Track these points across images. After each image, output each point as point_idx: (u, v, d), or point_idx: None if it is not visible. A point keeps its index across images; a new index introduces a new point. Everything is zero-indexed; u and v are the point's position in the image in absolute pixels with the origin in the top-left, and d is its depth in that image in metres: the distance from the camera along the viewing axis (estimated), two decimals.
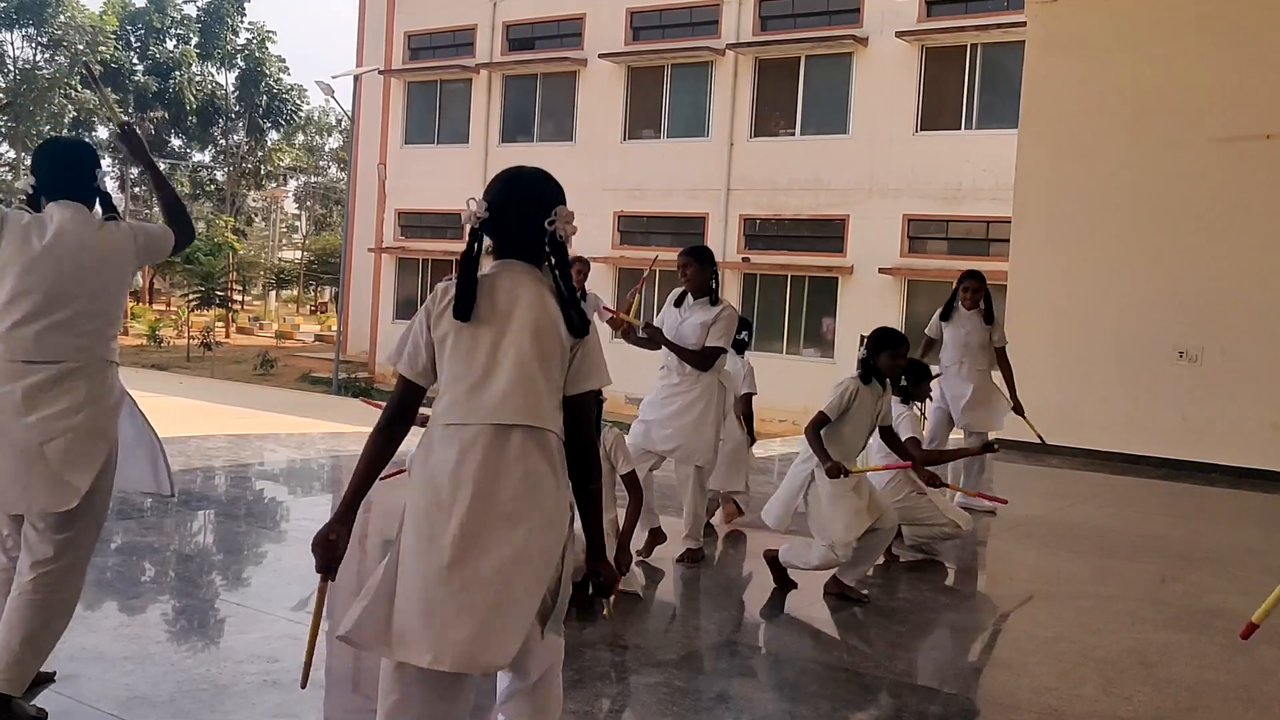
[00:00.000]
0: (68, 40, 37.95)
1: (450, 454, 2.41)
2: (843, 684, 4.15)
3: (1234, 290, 10.47)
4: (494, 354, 2.45)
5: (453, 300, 2.46)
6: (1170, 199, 10.83)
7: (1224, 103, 10.57)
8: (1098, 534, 7.53)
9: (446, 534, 2.36)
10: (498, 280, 2.51)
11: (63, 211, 3.24)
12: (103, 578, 4.93)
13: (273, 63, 43.86)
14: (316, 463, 8.69)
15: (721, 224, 24.53)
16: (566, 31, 27.29)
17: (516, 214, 2.54)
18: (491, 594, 2.36)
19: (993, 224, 20.47)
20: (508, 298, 2.48)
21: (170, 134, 44.95)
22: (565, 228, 2.54)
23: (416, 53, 30.09)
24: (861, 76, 23.15)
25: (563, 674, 4.06)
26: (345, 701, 3.86)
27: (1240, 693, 4.30)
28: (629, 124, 26.13)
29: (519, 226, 2.55)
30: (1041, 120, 11.68)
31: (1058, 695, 4.14)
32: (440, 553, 2.36)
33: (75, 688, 3.62)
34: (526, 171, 2.63)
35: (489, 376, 2.44)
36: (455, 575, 2.36)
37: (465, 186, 25.10)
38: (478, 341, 2.45)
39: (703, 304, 5.65)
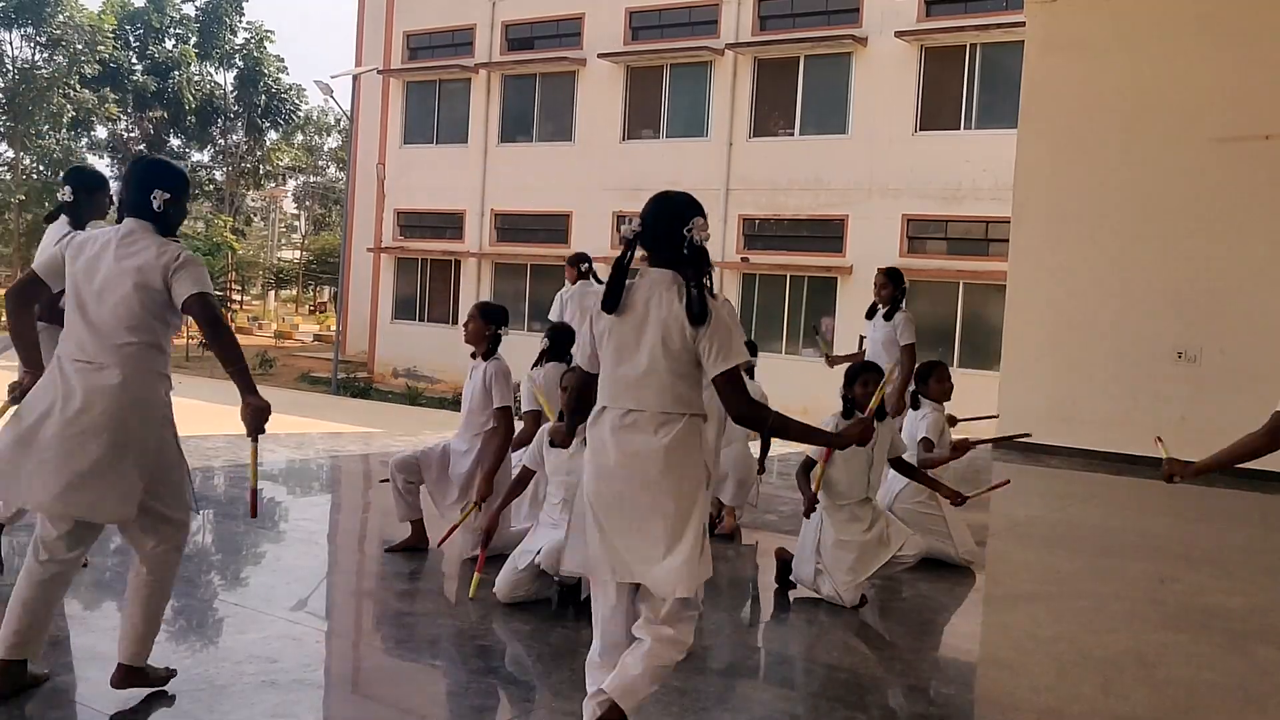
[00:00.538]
0: (66, 40, 37.88)
1: (605, 430, 3.07)
2: (843, 684, 4.15)
3: (1234, 290, 10.47)
4: (634, 347, 3.05)
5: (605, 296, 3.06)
6: (1170, 199, 10.83)
7: (1223, 103, 10.57)
8: (1097, 534, 7.53)
9: (611, 491, 3.04)
10: (640, 284, 3.11)
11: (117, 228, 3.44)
12: (102, 578, 4.93)
13: (271, 62, 43.82)
14: (315, 463, 8.69)
15: (721, 224, 24.50)
16: (565, 31, 27.28)
17: (663, 227, 3.10)
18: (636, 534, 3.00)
19: (992, 224, 20.47)
20: (645, 299, 3.07)
21: (169, 134, 44.88)
22: (700, 233, 3.07)
23: (415, 52, 30.08)
24: (861, 76, 23.14)
25: (562, 674, 4.07)
26: (345, 701, 3.86)
27: (1238, 692, 4.30)
28: (628, 124, 26.12)
29: (664, 236, 3.10)
30: (1041, 120, 11.68)
31: (1057, 694, 4.14)
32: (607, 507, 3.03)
33: (74, 688, 3.62)
34: (672, 194, 3.20)
35: (629, 366, 3.05)
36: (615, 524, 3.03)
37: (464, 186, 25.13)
38: (623, 337, 3.07)
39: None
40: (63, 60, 38.01)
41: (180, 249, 3.37)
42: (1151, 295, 10.86)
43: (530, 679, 4.11)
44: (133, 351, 3.34)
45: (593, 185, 25.95)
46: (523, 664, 4.25)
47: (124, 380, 3.32)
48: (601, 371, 3.13)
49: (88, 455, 3.29)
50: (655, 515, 3.00)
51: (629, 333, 3.07)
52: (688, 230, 3.05)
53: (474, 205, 28.01)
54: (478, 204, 27.93)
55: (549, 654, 4.26)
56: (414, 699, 3.78)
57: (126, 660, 3.52)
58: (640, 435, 3.03)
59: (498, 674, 4.07)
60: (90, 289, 3.36)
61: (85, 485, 3.30)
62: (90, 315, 3.36)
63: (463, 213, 28.27)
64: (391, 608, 4.89)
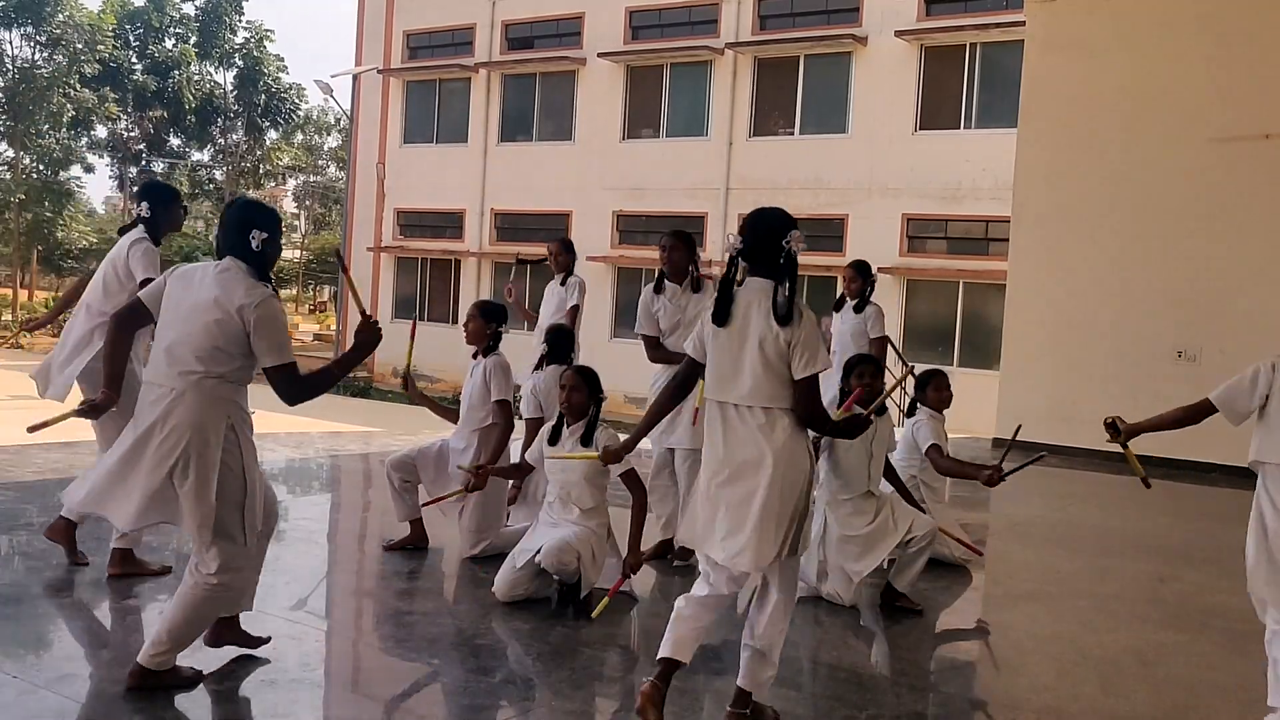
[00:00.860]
0: (66, 39, 37.82)
1: (716, 423, 3.49)
2: (843, 684, 4.15)
3: (1234, 290, 10.47)
4: (737, 352, 3.45)
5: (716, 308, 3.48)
6: (1170, 199, 10.83)
7: (1223, 102, 10.57)
8: (1097, 533, 7.53)
9: (720, 477, 3.43)
10: (741, 296, 3.49)
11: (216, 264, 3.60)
12: (100, 577, 4.92)
13: (271, 62, 43.74)
14: (315, 462, 8.68)
15: (720, 223, 24.50)
16: (565, 31, 27.26)
17: (764, 241, 3.49)
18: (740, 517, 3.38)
19: (992, 223, 20.45)
20: (746, 309, 3.45)
21: (169, 133, 44.81)
22: (797, 245, 3.49)
23: (415, 52, 30.06)
24: (860, 76, 23.13)
25: (561, 673, 4.07)
26: (344, 701, 3.86)
27: (1238, 692, 4.30)
28: (628, 123, 26.10)
29: (764, 249, 3.49)
30: (1041, 119, 11.68)
31: (1056, 694, 4.14)
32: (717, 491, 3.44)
33: (73, 687, 3.62)
34: (769, 210, 3.58)
35: (733, 368, 3.44)
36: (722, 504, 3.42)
37: (464, 185, 25.15)
38: (729, 341, 3.46)
39: (684, 289, 5.64)
40: (63, 59, 37.96)
41: (265, 295, 3.52)
42: (1151, 295, 10.86)
43: (530, 678, 4.11)
44: (197, 381, 3.48)
45: (593, 185, 25.94)
46: (522, 663, 4.24)
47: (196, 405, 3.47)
48: (709, 370, 3.53)
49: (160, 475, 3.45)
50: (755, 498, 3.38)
51: (734, 337, 3.46)
52: (786, 243, 3.46)
53: (474, 205, 27.99)
54: (477, 203, 27.92)
55: (549, 653, 4.26)
56: (413, 698, 3.78)
57: (140, 659, 3.58)
58: (744, 428, 3.41)
59: (497, 673, 4.06)
60: (176, 318, 3.53)
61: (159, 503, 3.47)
62: (169, 343, 3.52)
63: (462, 212, 28.26)
64: (391, 607, 4.88)
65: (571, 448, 4.91)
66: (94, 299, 4.95)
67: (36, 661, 3.88)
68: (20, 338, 5.88)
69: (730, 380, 3.45)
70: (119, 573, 4.85)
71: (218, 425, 3.50)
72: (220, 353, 3.49)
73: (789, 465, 3.38)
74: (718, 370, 3.49)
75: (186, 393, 3.48)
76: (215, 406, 3.51)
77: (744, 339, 3.43)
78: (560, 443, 4.96)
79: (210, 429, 3.49)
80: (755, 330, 3.42)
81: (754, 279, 3.50)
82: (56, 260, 44.71)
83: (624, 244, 25.91)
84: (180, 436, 3.46)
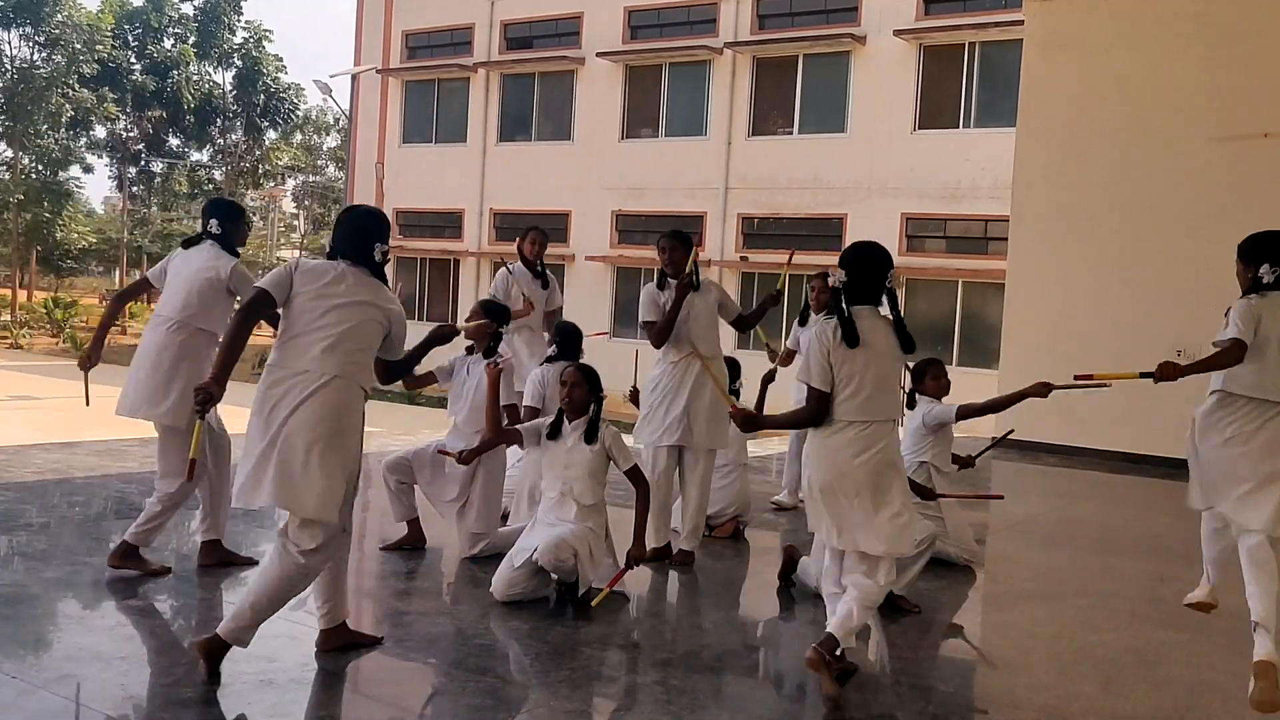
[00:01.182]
0: (65, 39, 37.80)
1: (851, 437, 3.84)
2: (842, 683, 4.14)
3: (1233, 289, 10.41)
4: (865, 372, 3.83)
5: (841, 336, 3.81)
6: (1169, 198, 10.83)
7: (1222, 101, 10.57)
8: (1097, 533, 7.53)
9: (851, 488, 3.83)
10: (859, 322, 3.85)
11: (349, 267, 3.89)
12: (100, 577, 4.92)
13: (270, 62, 43.72)
14: None
15: (720, 223, 24.51)
16: (564, 30, 27.26)
17: (870, 274, 3.92)
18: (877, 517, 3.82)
19: (991, 223, 20.46)
20: (868, 333, 3.85)
21: (168, 133, 44.80)
22: (895, 281, 4.00)
23: (414, 52, 30.06)
24: (859, 75, 23.13)
25: (561, 673, 4.08)
26: (343, 701, 3.85)
27: (1239, 692, 4.29)
28: (627, 123, 26.10)
29: (869, 282, 3.92)
30: (1040, 119, 11.68)
31: (1056, 694, 4.14)
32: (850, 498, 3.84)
33: (72, 688, 3.61)
34: (868, 246, 3.99)
35: (864, 386, 3.83)
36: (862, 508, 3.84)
37: (463, 185, 25.18)
38: (856, 363, 3.83)
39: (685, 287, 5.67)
40: (61, 60, 37.94)
41: (397, 305, 3.97)
42: (1151, 293, 10.85)
43: (529, 678, 4.10)
44: (353, 367, 3.78)
45: (592, 184, 25.94)
46: (521, 663, 4.24)
47: (343, 389, 3.73)
48: (839, 393, 3.86)
49: (295, 457, 3.64)
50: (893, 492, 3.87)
51: (860, 360, 3.84)
52: (889, 280, 3.95)
53: (473, 204, 27.99)
54: (476, 203, 27.92)
55: (547, 653, 4.25)
56: (412, 698, 3.77)
57: (220, 629, 3.75)
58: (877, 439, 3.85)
59: (496, 673, 4.06)
60: (315, 314, 3.75)
61: (290, 483, 3.66)
62: (332, 336, 3.74)
63: (461, 212, 28.26)
64: (390, 607, 4.88)
65: (574, 444, 4.92)
66: (186, 314, 4.94)
67: (36, 662, 3.88)
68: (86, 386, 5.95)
69: (859, 398, 3.85)
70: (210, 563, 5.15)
71: (357, 410, 3.79)
72: (368, 343, 3.84)
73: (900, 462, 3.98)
74: (848, 389, 3.85)
75: (335, 378, 3.70)
76: (355, 392, 3.78)
77: (870, 360, 3.84)
78: (562, 438, 4.97)
79: (352, 413, 3.76)
80: (882, 351, 3.87)
81: (862, 308, 3.89)
82: (55, 261, 44.72)
83: (623, 244, 25.91)
84: (324, 418, 3.67)
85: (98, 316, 40.54)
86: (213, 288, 4.95)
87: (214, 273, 4.95)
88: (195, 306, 4.94)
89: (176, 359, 4.90)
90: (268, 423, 3.68)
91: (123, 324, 39.69)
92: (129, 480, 7.30)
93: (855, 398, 3.83)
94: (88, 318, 38.56)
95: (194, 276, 4.96)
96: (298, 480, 3.65)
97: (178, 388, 4.84)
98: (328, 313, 3.75)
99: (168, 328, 4.94)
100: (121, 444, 8.71)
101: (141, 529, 4.96)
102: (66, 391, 19.69)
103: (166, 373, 4.88)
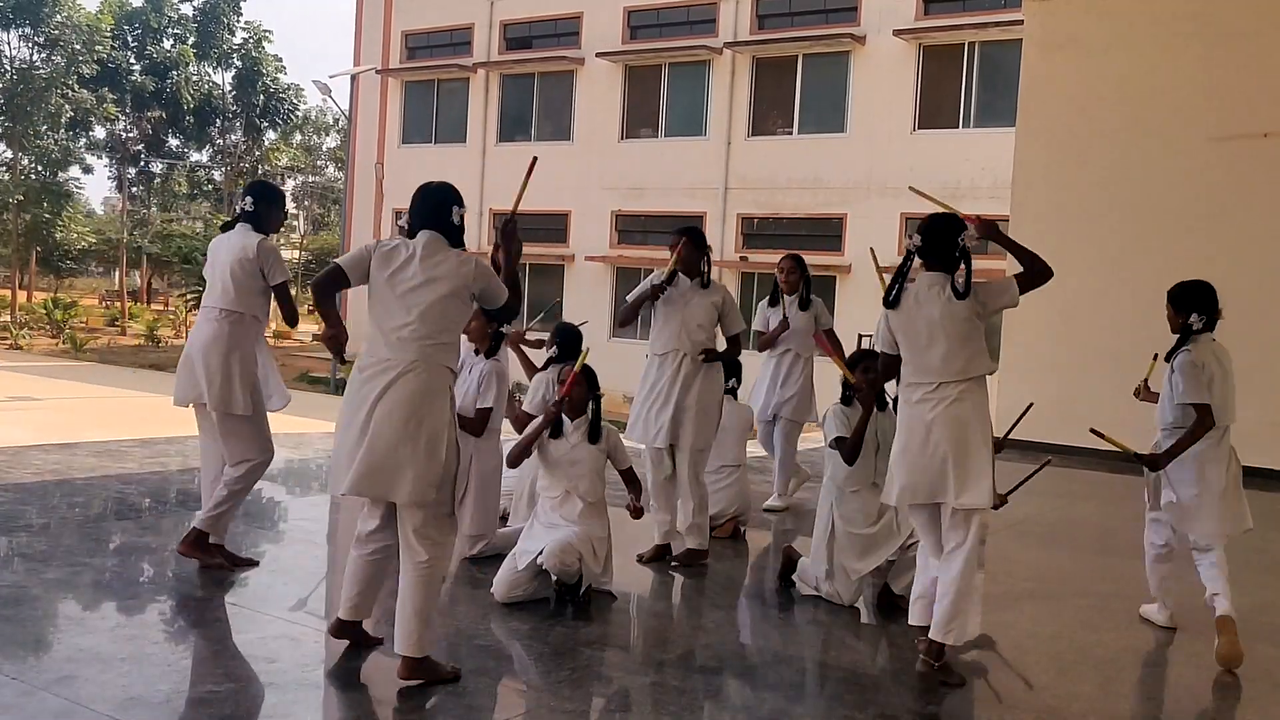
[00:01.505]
0: (64, 40, 37.78)
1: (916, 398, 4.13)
2: (841, 684, 4.15)
3: (1232, 288, 10.40)
4: (929, 333, 4.09)
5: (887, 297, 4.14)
6: (1168, 197, 10.83)
7: (1221, 101, 10.57)
8: (1096, 532, 7.53)
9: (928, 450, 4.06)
10: (920, 287, 4.14)
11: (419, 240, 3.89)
12: (100, 578, 4.92)
13: (269, 62, 43.71)
14: (314, 463, 8.67)
15: (719, 223, 24.52)
16: (564, 30, 27.27)
17: (943, 240, 4.18)
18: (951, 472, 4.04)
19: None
20: (928, 296, 4.11)
21: (167, 134, 44.78)
22: (970, 242, 4.15)
23: (414, 52, 30.06)
24: (859, 75, 23.14)
25: (561, 673, 4.08)
26: (343, 702, 3.85)
27: (1238, 691, 4.30)
28: (627, 123, 26.11)
29: (942, 247, 4.17)
30: (1039, 118, 11.68)
31: (1056, 694, 4.14)
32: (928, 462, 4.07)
33: (72, 689, 3.61)
34: (942, 215, 4.25)
35: (929, 348, 4.09)
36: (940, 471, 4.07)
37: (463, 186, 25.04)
38: (919, 327, 4.10)
39: (696, 285, 5.66)
40: (61, 60, 37.92)
41: (474, 257, 3.89)
42: (1150, 292, 10.80)
43: (529, 678, 4.10)
44: (432, 350, 3.75)
45: (591, 184, 25.94)
46: (522, 663, 4.24)
47: (424, 374, 3.72)
48: (904, 355, 4.15)
49: (381, 446, 3.67)
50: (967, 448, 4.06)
51: (922, 323, 4.10)
52: (961, 239, 4.15)
53: (472, 205, 27.91)
54: (476, 204, 27.90)
55: (548, 653, 4.26)
56: (412, 699, 3.77)
57: (400, 650, 3.79)
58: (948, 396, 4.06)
59: (497, 673, 4.06)
60: (393, 295, 3.78)
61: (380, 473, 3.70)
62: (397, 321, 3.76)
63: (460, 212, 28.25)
64: (390, 608, 4.87)
65: (578, 443, 4.93)
66: (226, 301, 4.95)
67: (36, 663, 3.88)
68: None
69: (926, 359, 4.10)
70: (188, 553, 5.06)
71: (444, 393, 3.77)
72: (448, 322, 3.80)
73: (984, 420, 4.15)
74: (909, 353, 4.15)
75: (415, 363, 3.72)
76: (438, 376, 3.76)
77: (931, 323, 4.07)
78: (564, 438, 4.97)
79: (437, 397, 3.74)
80: (941, 314, 4.07)
81: (929, 273, 4.15)
82: (55, 261, 44.73)
83: (623, 244, 25.92)
84: (407, 404, 3.68)
85: (97, 317, 40.71)
86: (244, 269, 4.94)
87: (243, 252, 4.95)
88: (233, 292, 4.94)
89: (228, 349, 4.90)
90: (355, 414, 3.74)
91: (122, 325, 39.72)
92: (129, 481, 7.30)
93: (921, 358, 4.11)
94: (87, 318, 38.56)
95: (228, 262, 4.97)
96: (388, 469, 3.69)
97: (235, 376, 4.88)
98: (402, 297, 3.78)
99: (215, 317, 4.97)
100: (121, 445, 8.72)
101: (213, 516, 5.00)
102: (66, 392, 19.74)
103: (221, 362, 4.89)
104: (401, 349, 3.74)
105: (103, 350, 33.20)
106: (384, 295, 3.81)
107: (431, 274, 3.78)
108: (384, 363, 3.75)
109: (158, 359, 31.69)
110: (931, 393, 4.07)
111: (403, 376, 3.71)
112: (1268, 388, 10.15)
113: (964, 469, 4.02)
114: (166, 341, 35.42)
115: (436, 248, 3.85)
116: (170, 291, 48.73)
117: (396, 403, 3.69)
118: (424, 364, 3.74)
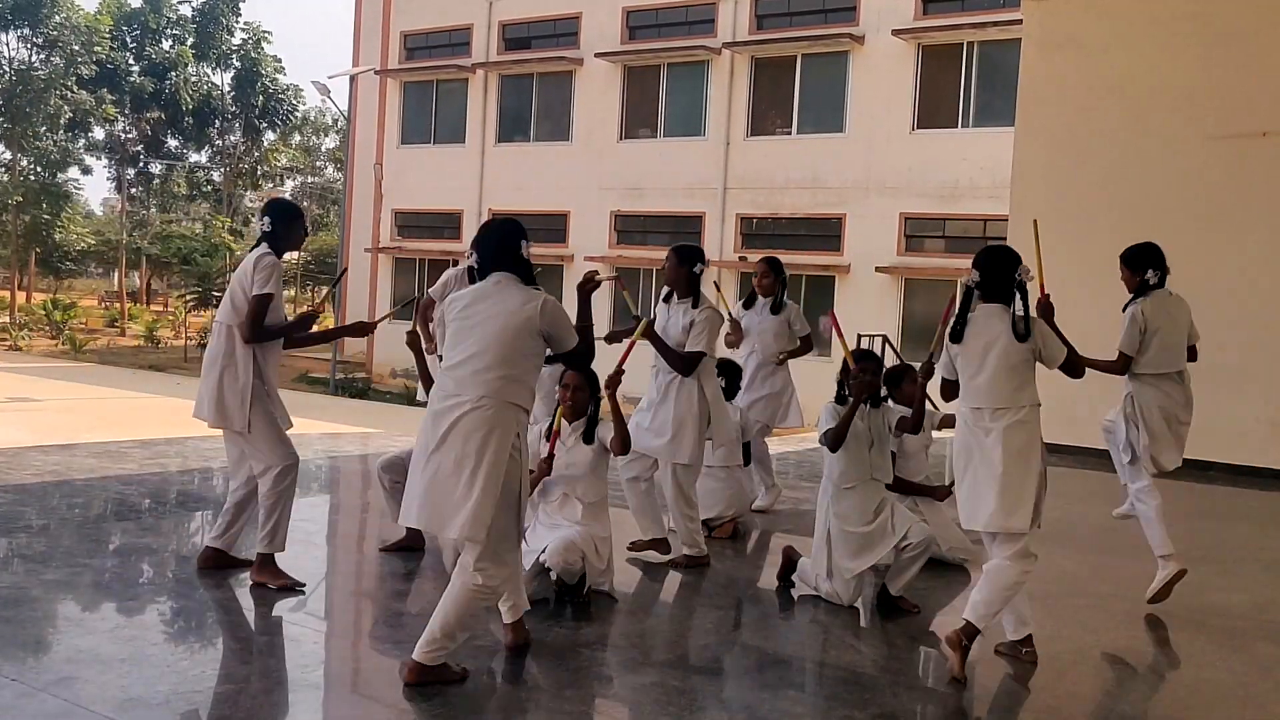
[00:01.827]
0: (63, 41, 37.78)
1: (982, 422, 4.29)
2: (841, 684, 4.15)
3: (1232, 287, 10.46)
4: (982, 363, 4.28)
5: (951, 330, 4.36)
6: (1167, 196, 10.82)
7: (1220, 100, 10.57)
8: (1095, 532, 7.53)
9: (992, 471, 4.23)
10: (978, 318, 4.34)
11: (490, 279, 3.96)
12: (100, 579, 4.92)
13: (268, 63, 43.70)
14: (314, 463, 8.67)
15: (718, 223, 24.52)
16: (563, 31, 27.27)
17: (1000, 274, 4.34)
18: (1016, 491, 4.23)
19: (990, 222, 20.47)
20: (986, 329, 4.31)
21: (166, 135, 44.79)
22: (1026, 276, 4.36)
23: (413, 52, 30.06)
24: (858, 75, 23.14)
25: (561, 673, 4.08)
26: (343, 702, 3.85)
27: (1238, 690, 4.30)
28: (625, 123, 26.11)
29: (1000, 281, 4.34)
30: (1038, 118, 11.67)
31: (1055, 693, 4.14)
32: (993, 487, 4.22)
33: (72, 690, 3.61)
34: (1001, 248, 4.45)
35: (979, 375, 4.29)
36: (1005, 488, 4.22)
37: (462, 186, 25.07)
38: (973, 355, 4.30)
39: (685, 305, 5.65)
40: (60, 61, 37.93)
41: (544, 296, 3.88)
42: None
43: (530, 679, 4.10)
44: (500, 385, 3.76)
45: (590, 185, 25.94)
46: (522, 663, 4.24)
47: (490, 411, 3.73)
48: (961, 381, 4.37)
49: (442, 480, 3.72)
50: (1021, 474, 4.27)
51: (978, 352, 4.29)
52: (1019, 275, 4.32)
53: (472, 205, 27.99)
54: (475, 204, 27.92)
55: (549, 653, 4.26)
56: (412, 699, 3.77)
57: (416, 655, 3.81)
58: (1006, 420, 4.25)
59: (497, 674, 4.06)
60: (459, 338, 3.85)
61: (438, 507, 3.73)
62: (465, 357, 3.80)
63: (460, 213, 28.25)
64: (389, 608, 4.88)
65: (574, 444, 4.94)
66: (223, 315, 4.94)
67: (36, 664, 3.88)
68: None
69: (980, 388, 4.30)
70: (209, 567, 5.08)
71: (509, 429, 3.76)
72: (518, 358, 3.81)
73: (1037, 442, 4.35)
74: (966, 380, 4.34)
75: (483, 399, 3.74)
76: (506, 413, 3.76)
77: (986, 353, 4.26)
78: (562, 439, 4.98)
79: (502, 434, 3.73)
80: (1000, 346, 4.25)
81: (987, 305, 4.33)
82: (54, 262, 44.71)
83: (622, 244, 25.92)
84: (470, 440, 3.70)
85: (97, 318, 40.69)
86: (241, 285, 4.91)
87: (243, 271, 4.94)
88: (230, 308, 4.93)
89: (222, 366, 4.86)
90: (425, 448, 3.79)
91: (121, 326, 39.72)
92: (128, 482, 7.30)
93: (972, 384, 4.30)
94: (86, 319, 38.55)
95: (236, 277, 4.97)
96: (445, 503, 3.71)
97: (225, 392, 4.83)
98: (471, 332, 3.83)
99: (215, 331, 4.96)
100: (121, 446, 8.72)
101: (266, 534, 4.90)
102: (65, 393, 19.72)
103: (215, 380, 4.86)
104: (468, 385, 3.77)
105: (102, 351, 33.21)
106: (456, 331, 3.88)
107: (498, 309, 3.83)
108: (451, 398, 3.78)
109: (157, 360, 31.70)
110: (990, 419, 4.26)
111: (468, 414, 3.73)
112: (1267, 387, 10.15)
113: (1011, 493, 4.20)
114: (166, 342, 35.43)
115: (506, 285, 3.90)
116: (169, 292, 48.71)
117: (457, 439, 3.72)
118: (492, 400, 3.75)
